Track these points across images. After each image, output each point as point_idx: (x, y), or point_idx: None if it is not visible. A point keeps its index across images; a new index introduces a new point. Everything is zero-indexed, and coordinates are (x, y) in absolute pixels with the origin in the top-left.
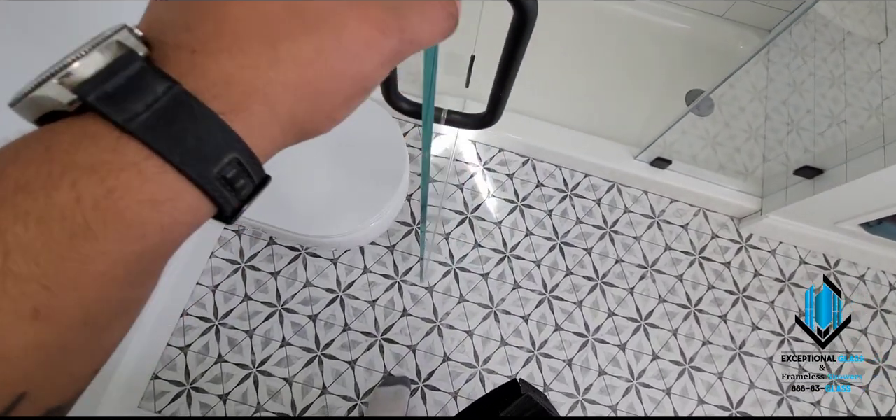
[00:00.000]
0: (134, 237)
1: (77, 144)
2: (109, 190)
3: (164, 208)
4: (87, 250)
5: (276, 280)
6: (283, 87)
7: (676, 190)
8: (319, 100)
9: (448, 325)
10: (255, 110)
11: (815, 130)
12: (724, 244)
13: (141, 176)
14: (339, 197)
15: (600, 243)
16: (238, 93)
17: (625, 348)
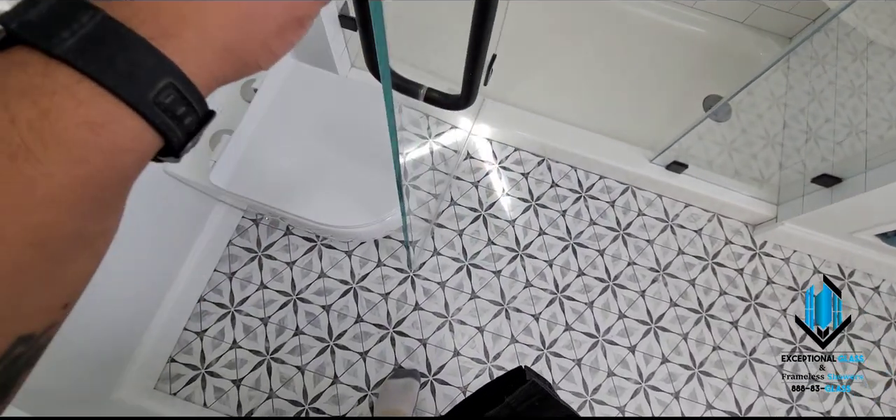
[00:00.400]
0: (76, 160)
1: (6, 72)
2: (43, 112)
3: (102, 132)
4: (29, 172)
5: (291, 269)
6: (212, 12)
7: (691, 194)
8: (250, 25)
9: (459, 320)
10: (185, 36)
11: (834, 139)
12: (737, 250)
13: (74, 99)
14: (358, 189)
15: (613, 245)
16: (166, 18)
17: (634, 350)
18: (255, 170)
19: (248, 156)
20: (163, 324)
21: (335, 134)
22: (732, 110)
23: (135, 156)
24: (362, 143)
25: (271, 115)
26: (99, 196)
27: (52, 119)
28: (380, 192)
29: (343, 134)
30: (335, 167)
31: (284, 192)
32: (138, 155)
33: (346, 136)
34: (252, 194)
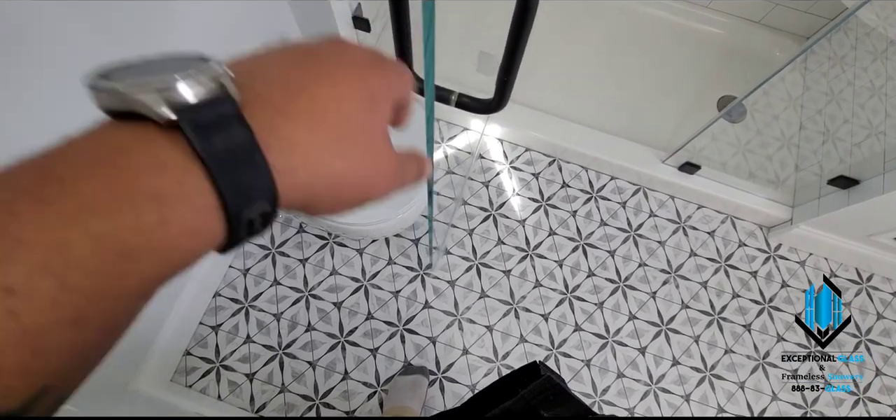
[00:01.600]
0: (167, 262)
1: (147, 171)
2: (164, 220)
3: (198, 238)
4: (127, 268)
5: (304, 267)
6: (327, 176)
7: (704, 196)
8: (339, 195)
9: (469, 319)
10: (298, 176)
11: (851, 141)
12: (751, 253)
13: (192, 210)
14: None
15: (624, 246)
16: (296, 158)
17: (645, 352)
18: None
19: None
20: (179, 318)
21: None
22: (747, 111)
23: (202, 255)
24: None
25: None
26: (154, 283)
27: (166, 227)
28: None
29: None
30: None
31: None
32: (205, 254)
33: None
34: None
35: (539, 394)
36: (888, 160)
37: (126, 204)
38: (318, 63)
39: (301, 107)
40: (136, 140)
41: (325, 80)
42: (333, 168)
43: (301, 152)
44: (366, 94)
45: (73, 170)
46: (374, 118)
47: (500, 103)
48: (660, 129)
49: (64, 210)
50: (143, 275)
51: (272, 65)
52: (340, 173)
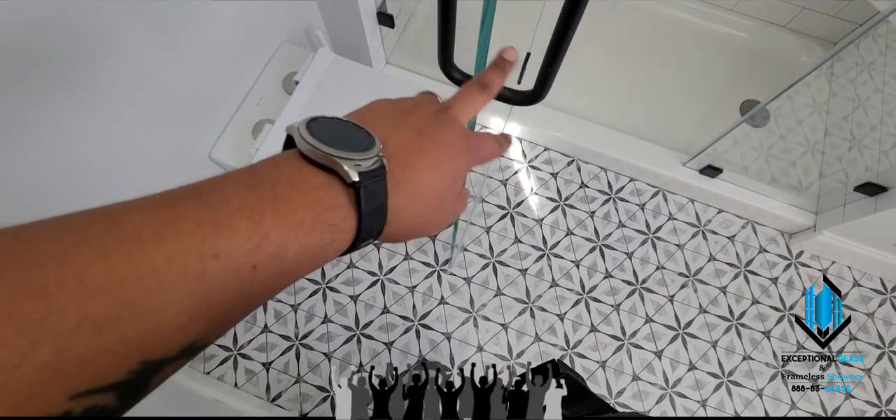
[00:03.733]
0: (319, 264)
1: (332, 209)
2: (332, 241)
3: (337, 252)
4: (302, 269)
5: None
6: (408, 227)
7: (725, 200)
8: (407, 236)
9: (484, 316)
10: (392, 229)
11: (879, 148)
12: (772, 259)
13: (343, 238)
14: None
15: (642, 248)
16: (396, 218)
17: (661, 355)
18: None
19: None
20: None
21: None
22: (771, 116)
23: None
24: None
25: (311, 107)
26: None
27: (332, 246)
28: None
29: None
30: None
31: None
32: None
33: None
34: None
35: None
36: None
37: (319, 227)
38: (425, 143)
39: (409, 183)
40: (328, 185)
41: (427, 162)
42: (414, 225)
43: (399, 216)
44: (452, 175)
45: (292, 194)
46: (452, 190)
47: (540, 94)
48: (680, 131)
49: (288, 221)
50: (304, 273)
51: (396, 140)
52: (416, 227)
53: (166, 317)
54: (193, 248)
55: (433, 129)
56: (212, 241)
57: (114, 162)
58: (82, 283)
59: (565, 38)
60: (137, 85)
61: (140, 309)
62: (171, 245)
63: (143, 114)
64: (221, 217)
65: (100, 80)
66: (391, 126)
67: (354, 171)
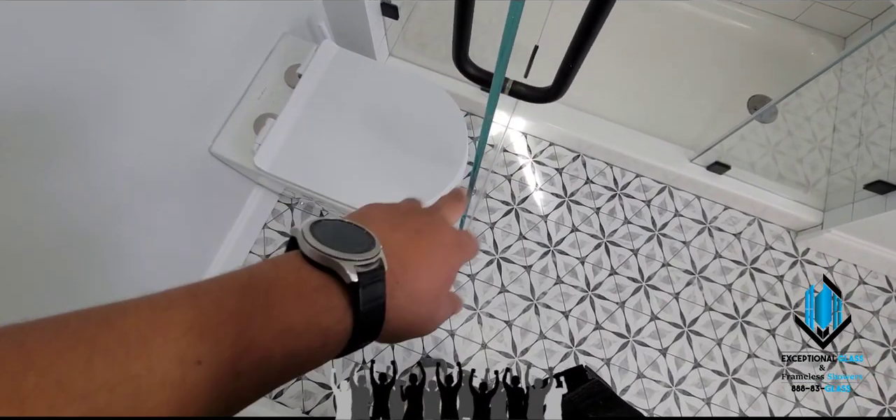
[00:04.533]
0: (297, 366)
1: (326, 312)
2: (324, 345)
3: (331, 355)
4: (288, 372)
5: None
6: (408, 324)
7: (731, 197)
8: (405, 336)
9: (488, 313)
10: (391, 325)
11: (889, 145)
12: (778, 257)
13: (337, 341)
14: (396, 177)
15: (647, 245)
16: (395, 315)
17: (666, 353)
18: (298, 154)
19: (291, 140)
20: None
21: (377, 121)
22: (778, 112)
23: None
24: (403, 131)
25: (314, 101)
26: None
27: (323, 350)
28: (419, 180)
29: (385, 121)
30: (376, 154)
31: (325, 177)
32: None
33: (388, 123)
34: (294, 178)
35: (587, 398)
36: None
37: (311, 331)
38: (423, 242)
39: (409, 281)
40: (325, 288)
41: (426, 262)
42: (412, 323)
43: (398, 314)
44: (447, 273)
45: (286, 297)
46: (446, 287)
47: (559, 91)
48: (687, 126)
49: (277, 327)
50: (293, 376)
51: (397, 240)
52: (414, 325)
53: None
54: (177, 355)
55: (430, 229)
56: (196, 348)
57: (110, 158)
58: (60, 389)
59: (589, 36)
60: (136, 79)
61: (112, 416)
62: (157, 351)
63: (142, 110)
64: (211, 323)
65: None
66: (390, 227)
67: (354, 271)
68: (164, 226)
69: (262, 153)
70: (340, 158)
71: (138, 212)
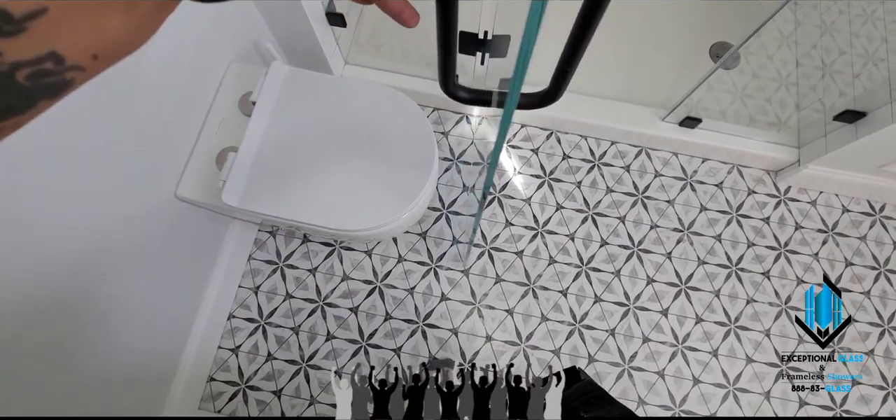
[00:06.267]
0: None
1: None
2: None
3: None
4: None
5: (314, 276)
6: None
7: (707, 148)
8: None
9: (487, 305)
10: None
11: (852, 73)
12: (761, 200)
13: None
14: (369, 189)
15: (633, 210)
16: None
17: (667, 314)
18: (265, 183)
19: (256, 170)
20: (197, 346)
21: (340, 136)
22: (741, 56)
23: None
24: (368, 143)
25: (273, 125)
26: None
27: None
28: (392, 190)
29: (347, 135)
30: (344, 170)
31: (297, 202)
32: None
33: (351, 136)
34: (265, 209)
35: (580, 396)
36: (893, 87)
37: None
38: None
39: None
40: None
41: None
42: None
43: None
44: None
45: None
46: None
47: (557, 92)
48: (654, 86)
49: None
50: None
51: None
52: None
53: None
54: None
55: None
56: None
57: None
58: None
59: (588, 30)
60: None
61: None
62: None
63: (93, 173)
64: None
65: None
66: None
67: None
68: (145, 283)
69: (229, 189)
70: (309, 179)
71: (114, 276)
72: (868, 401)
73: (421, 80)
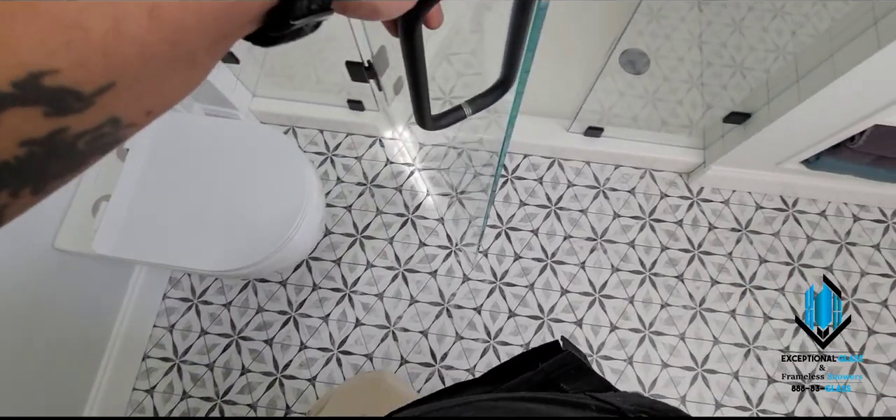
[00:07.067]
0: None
1: None
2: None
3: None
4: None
5: (229, 310)
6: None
7: (619, 156)
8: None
9: (402, 327)
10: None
11: (729, 77)
12: (674, 202)
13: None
14: (246, 228)
15: (546, 222)
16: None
17: (581, 324)
18: (141, 230)
19: (132, 216)
20: (108, 388)
21: (216, 177)
22: (650, 60)
23: (258, 7)
24: (242, 181)
25: (150, 171)
26: (222, 31)
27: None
28: (261, 229)
29: (223, 175)
30: (220, 211)
31: (173, 247)
32: (261, 7)
33: (227, 177)
34: (141, 257)
35: (559, 367)
36: (771, 88)
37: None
38: None
39: None
40: None
41: None
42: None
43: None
44: None
45: None
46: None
47: (511, 76)
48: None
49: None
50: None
51: None
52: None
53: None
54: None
55: None
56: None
57: None
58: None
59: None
60: None
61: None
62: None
63: None
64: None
65: None
66: None
67: None
68: (36, 339)
69: (101, 238)
70: (185, 223)
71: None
72: (784, 399)
73: (334, 107)
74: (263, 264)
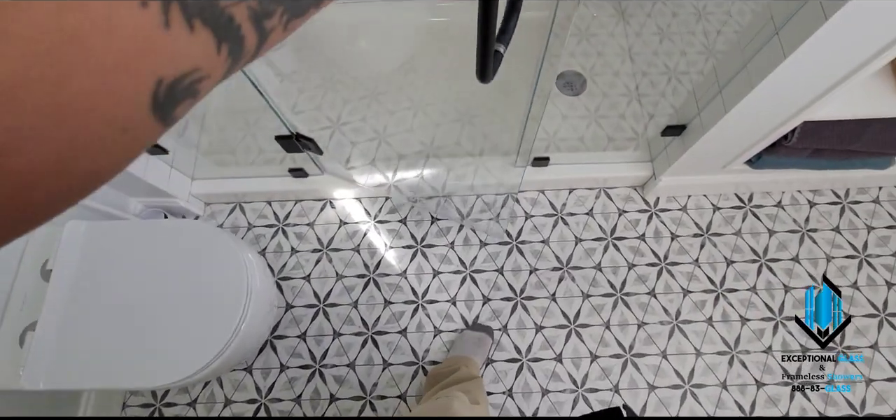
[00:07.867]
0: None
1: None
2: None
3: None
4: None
5: (195, 409)
6: None
7: (571, 180)
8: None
9: (379, 395)
10: None
11: (669, 88)
12: (633, 217)
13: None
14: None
15: (510, 259)
16: None
17: (561, 359)
18: (77, 354)
19: (64, 342)
20: None
21: (149, 282)
22: (587, 79)
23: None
24: (178, 281)
25: (79, 289)
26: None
27: None
28: (212, 323)
29: (158, 279)
30: (157, 322)
31: (116, 366)
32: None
33: (161, 284)
34: (80, 383)
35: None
36: (699, 99)
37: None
38: None
39: None
40: None
41: None
42: None
43: None
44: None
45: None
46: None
47: (486, 73)
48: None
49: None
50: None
51: None
52: None
53: None
54: None
55: None
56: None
57: None
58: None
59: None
60: None
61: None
62: None
63: None
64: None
65: None
66: None
67: None
68: None
69: (30, 373)
70: (121, 340)
71: None
72: (776, 401)
73: (278, 178)
74: (218, 363)
